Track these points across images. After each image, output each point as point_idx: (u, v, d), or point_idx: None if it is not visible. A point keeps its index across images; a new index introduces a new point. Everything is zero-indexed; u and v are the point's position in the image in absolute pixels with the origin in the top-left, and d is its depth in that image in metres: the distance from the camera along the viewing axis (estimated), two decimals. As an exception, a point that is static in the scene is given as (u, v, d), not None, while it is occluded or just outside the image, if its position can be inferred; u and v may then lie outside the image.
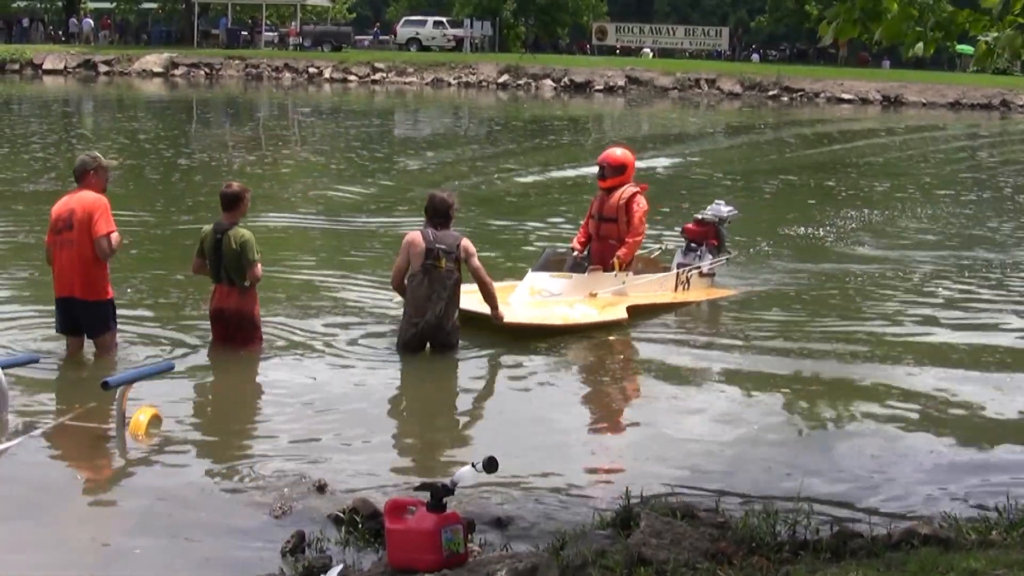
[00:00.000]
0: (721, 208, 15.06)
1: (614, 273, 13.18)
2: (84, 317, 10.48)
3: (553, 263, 13.22)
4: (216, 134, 36.05)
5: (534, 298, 12.58)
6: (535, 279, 12.86)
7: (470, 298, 11.55)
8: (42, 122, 37.76)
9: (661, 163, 30.58)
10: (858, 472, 8.41)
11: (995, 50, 6.95)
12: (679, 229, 15.48)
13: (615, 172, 13.51)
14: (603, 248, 13.47)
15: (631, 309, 12.60)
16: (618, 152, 13.83)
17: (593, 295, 12.83)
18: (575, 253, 13.48)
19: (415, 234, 11.01)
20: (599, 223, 13.55)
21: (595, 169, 14.07)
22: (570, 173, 27.67)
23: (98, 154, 10.91)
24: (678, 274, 14.16)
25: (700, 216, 15.04)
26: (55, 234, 10.39)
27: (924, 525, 6.72)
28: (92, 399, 9.21)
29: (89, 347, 10.70)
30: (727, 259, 15.04)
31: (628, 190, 13.39)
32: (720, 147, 37.58)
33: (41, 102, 47.49)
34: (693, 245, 14.76)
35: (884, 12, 6.89)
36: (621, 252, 13.26)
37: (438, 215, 11.01)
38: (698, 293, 14.22)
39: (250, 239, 10.65)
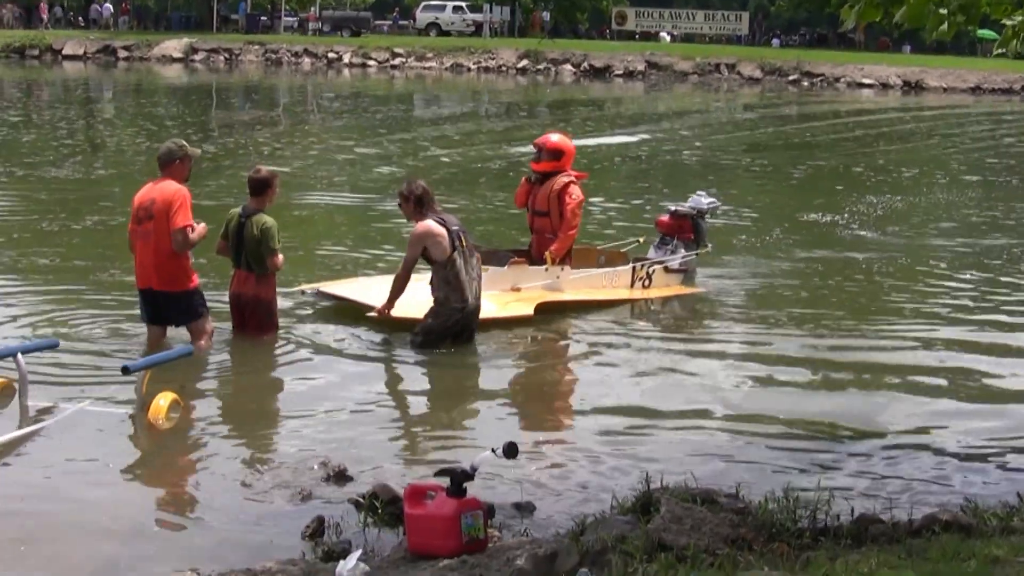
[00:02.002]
0: (701, 200, 14.29)
1: (544, 267, 12.58)
2: (167, 308, 10.33)
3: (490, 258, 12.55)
4: (240, 119, 36.07)
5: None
6: None
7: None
8: (67, 108, 37.87)
9: (687, 148, 30.55)
10: (878, 458, 8.38)
11: (1021, 34, 6.91)
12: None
13: (551, 156, 12.81)
14: (540, 242, 12.93)
15: (548, 305, 12.03)
16: (555, 137, 13.15)
17: (516, 290, 12.28)
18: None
19: (428, 224, 10.65)
20: (533, 217, 13.01)
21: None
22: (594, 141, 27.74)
23: (184, 142, 10.64)
24: (635, 268, 13.41)
25: (675, 208, 14.32)
26: (136, 224, 10.22)
27: (945, 512, 6.69)
28: (112, 384, 9.24)
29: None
30: (696, 254, 14.14)
31: (560, 180, 12.69)
32: (745, 132, 37.52)
33: (63, 88, 47.62)
34: (667, 239, 14.13)
35: (907, -5, 6.86)
36: (553, 247, 12.62)
37: (432, 200, 10.80)
38: (660, 290, 13.48)
39: (272, 227, 10.58)
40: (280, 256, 10.69)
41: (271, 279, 10.81)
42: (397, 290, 10.91)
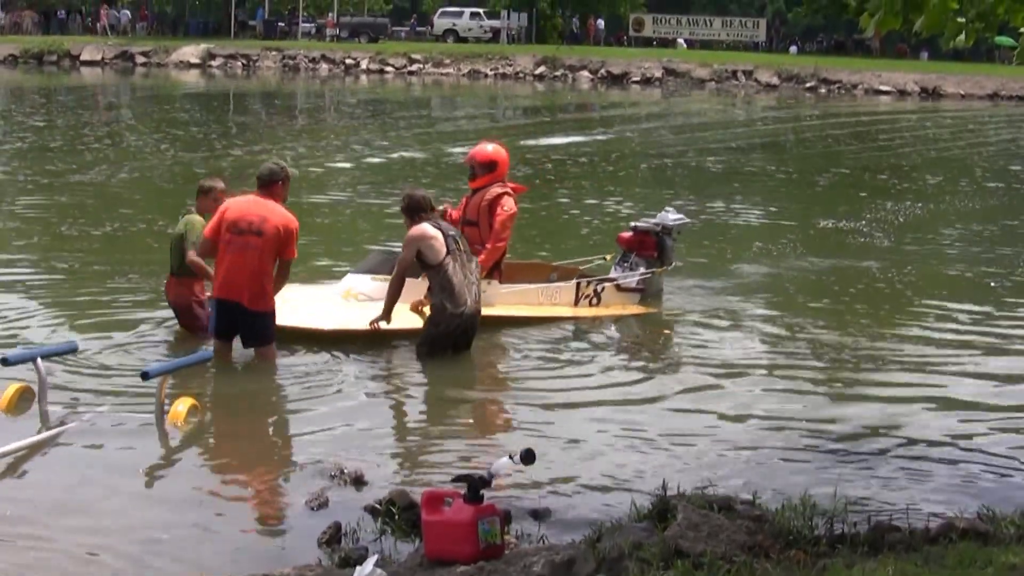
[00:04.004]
0: (667, 216, 13.65)
1: None
2: (245, 326, 10.25)
3: (388, 265, 11.86)
4: (264, 125, 36.09)
5: (349, 301, 11.72)
6: (353, 281, 11.99)
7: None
8: (90, 113, 38.00)
9: (711, 155, 30.55)
10: (895, 466, 8.36)
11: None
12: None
13: (485, 169, 12.23)
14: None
15: None
16: (489, 148, 12.49)
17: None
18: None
19: (422, 227, 10.61)
20: (463, 226, 12.10)
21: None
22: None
23: (284, 163, 10.71)
24: (579, 285, 12.84)
25: (635, 224, 13.73)
26: (235, 234, 10.05)
27: (962, 519, 6.68)
28: (132, 389, 9.27)
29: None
30: (653, 273, 13.37)
31: (494, 191, 12.12)
32: (768, 139, 37.57)
33: (84, 93, 47.71)
34: (627, 255, 13.51)
35: (925, 3, 6.85)
36: (479, 259, 11.66)
37: (422, 210, 10.75)
38: (610, 309, 12.89)
39: (196, 223, 10.72)
40: (193, 254, 10.64)
41: (188, 281, 10.88)
42: (392, 296, 10.86)
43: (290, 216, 10.24)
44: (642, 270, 13.33)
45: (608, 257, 13.94)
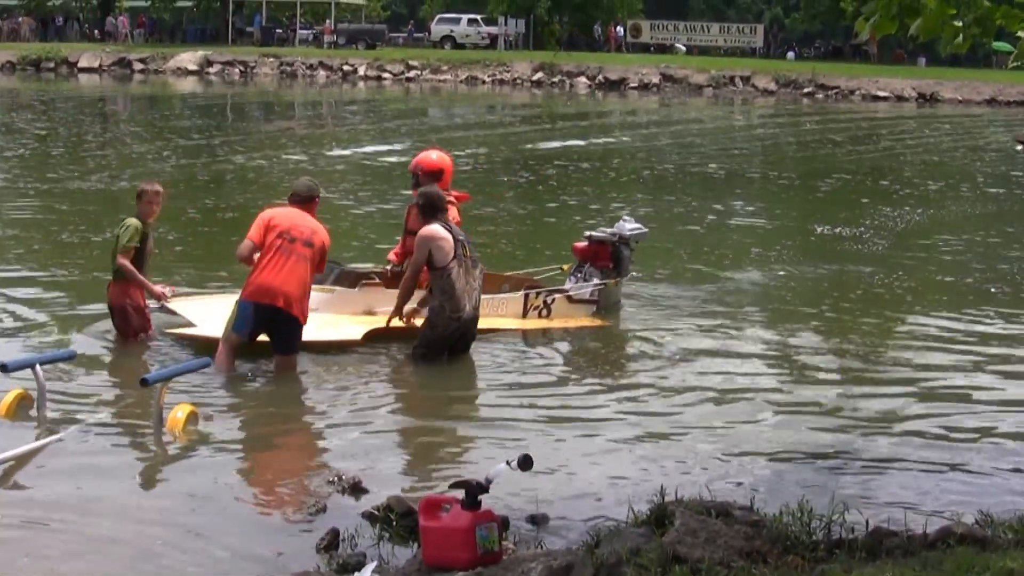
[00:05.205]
0: (624, 225, 13.32)
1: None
2: (283, 332, 10.33)
3: (330, 276, 12.03)
4: (265, 131, 36.06)
5: None
6: None
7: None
8: (92, 121, 38.00)
9: (713, 161, 30.58)
10: (893, 472, 8.37)
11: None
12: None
13: (431, 178, 11.81)
14: None
15: (392, 332, 11.21)
16: (433, 156, 12.21)
17: (371, 313, 11.68)
18: (390, 267, 12.34)
19: (433, 228, 10.67)
20: (405, 236, 12.05)
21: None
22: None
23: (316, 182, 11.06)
24: (527, 296, 12.53)
25: (591, 233, 13.38)
26: (287, 241, 10.22)
27: (960, 525, 6.67)
28: (131, 396, 9.27)
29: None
30: (605, 284, 12.99)
31: None
32: (769, 144, 37.56)
33: (84, 101, 47.67)
34: (581, 266, 13.18)
35: (922, 8, 6.85)
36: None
37: (438, 210, 10.83)
38: (561, 321, 12.56)
39: (131, 226, 10.78)
40: (122, 257, 10.73)
41: (123, 284, 10.88)
42: (403, 295, 10.99)
43: (325, 231, 10.62)
44: (596, 281, 13.01)
45: (565, 268, 13.65)
